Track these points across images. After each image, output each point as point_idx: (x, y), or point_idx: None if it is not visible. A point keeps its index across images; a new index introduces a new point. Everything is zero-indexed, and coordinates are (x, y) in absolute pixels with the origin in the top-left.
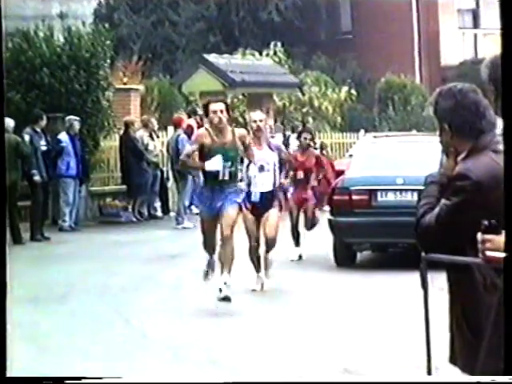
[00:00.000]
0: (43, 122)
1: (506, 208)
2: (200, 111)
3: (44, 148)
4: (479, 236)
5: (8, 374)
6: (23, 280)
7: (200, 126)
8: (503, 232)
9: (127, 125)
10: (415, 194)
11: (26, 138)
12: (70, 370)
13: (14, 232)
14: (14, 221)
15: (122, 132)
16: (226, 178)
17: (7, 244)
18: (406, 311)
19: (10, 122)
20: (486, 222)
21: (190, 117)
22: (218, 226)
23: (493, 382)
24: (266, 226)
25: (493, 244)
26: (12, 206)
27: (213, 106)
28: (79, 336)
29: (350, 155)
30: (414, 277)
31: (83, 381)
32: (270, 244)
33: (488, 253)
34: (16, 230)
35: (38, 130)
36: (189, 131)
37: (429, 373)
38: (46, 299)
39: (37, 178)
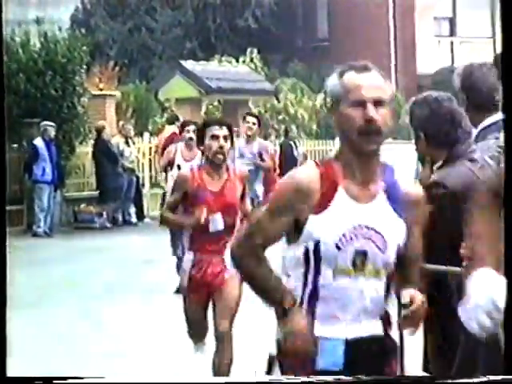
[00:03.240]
0: None
1: (505, 210)
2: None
3: None
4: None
5: None
6: None
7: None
8: None
9: (98, 130)
10: None
11: None
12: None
13: None
14: None
15: (94, 138)
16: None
17: None
18: None
19: None
20: None
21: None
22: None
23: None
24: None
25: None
26: None
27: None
28: (51, 342)
29: None
30: None
31: (71, 380)
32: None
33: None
34: None
35: None
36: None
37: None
38: (19, 304)
39: None
